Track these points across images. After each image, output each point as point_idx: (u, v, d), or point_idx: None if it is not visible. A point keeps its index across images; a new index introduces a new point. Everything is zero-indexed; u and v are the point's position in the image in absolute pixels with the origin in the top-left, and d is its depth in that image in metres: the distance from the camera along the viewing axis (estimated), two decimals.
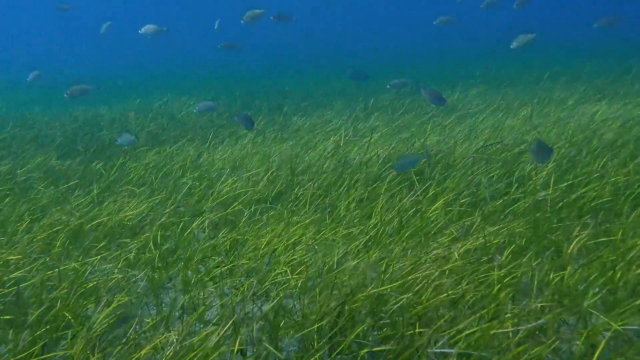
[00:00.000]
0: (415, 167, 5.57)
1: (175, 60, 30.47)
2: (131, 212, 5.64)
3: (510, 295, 3.61)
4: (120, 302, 3.80)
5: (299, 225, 5.01)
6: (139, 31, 9.53)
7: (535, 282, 3.70)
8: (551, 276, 3.72)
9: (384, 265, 4.08)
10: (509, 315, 3.33)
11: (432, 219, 4.98)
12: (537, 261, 4.05)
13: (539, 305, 3.36)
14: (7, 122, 12.37)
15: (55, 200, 6.17)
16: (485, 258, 4.12)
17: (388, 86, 8.29)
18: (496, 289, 3.62)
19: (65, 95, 6.61)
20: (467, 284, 3.73)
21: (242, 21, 7.93)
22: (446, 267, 3.94)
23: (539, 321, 3.14)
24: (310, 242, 4.62)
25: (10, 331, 3.41)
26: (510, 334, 3.15)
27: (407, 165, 5.15)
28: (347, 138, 8.55)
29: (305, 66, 24.02)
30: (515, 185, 5.71)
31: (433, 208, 5.05)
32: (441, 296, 3.62)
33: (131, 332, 3.47)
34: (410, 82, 8.41)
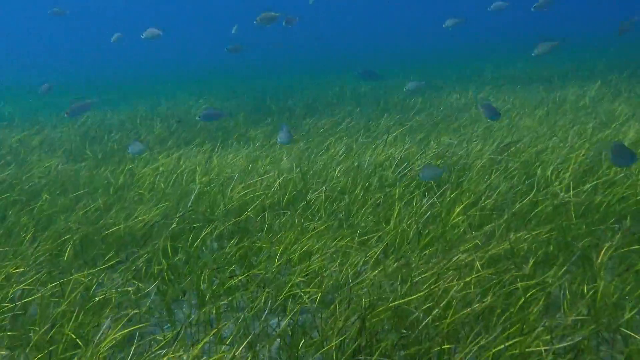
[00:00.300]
0: (439, 177, 5.47)
1: (181, 63, 30.39)
2: (142, 217, 5.48)
3: (541, 308, 3.41)
4: (130, 318, 3.64)
5: (313, 232, 4.83)
6: (141, 36, 9.58)
7: (567, 294, 3.49)
8: (583, 288, 3.51)
9: (405, 275, 3.90)
10: (540, 329, 3.13)
11: (452, 224, 4.78)
12: (564, 269, 3.85)
13: (575, 318, 3.16)
14: (16, 127, 12.29)
15: (63, 208, 6.02)
16: (512, 266, 3.91)
17: (405, 89, 8.18)
18: (524, 301, 3.43)
19: (65, 115, 6.37)
20: (493, 297, 3.53)
21: (255, 22, 7.75)
22: (470, 278, 3.74)
23: (576, 339, 2.94)
24: (325, 251, 4.43)
25: (15, 352, 3.25)
26: (543, 351, 2.96)
27: (433, 176, 5.12)
28: (360, 140, 8.37)
29: (313, 67, 23.84)
30: (536, 189, 5.50)
31: (454, 214, 4.85)
32: (467, 310, 3.43)
33: (142, 352, 3.30)
34: (424, 84, 8.31)
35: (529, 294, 3.54)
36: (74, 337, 3.30)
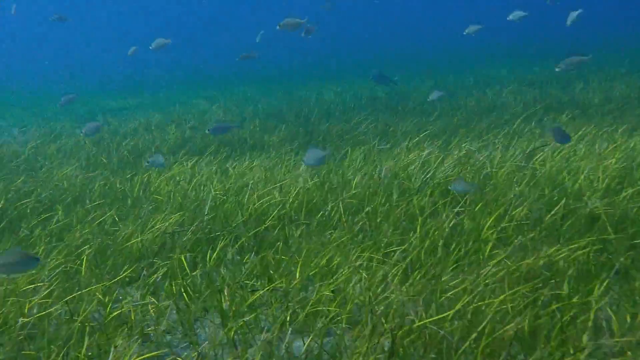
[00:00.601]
0: (472, 193, 5.29)
1: (194, 69, 30.40)
2: (158, 226, 5.33)
3: (584, 330, 3.19)
4: (149, 338, 3.46)
5: (333, 244, 4.64)
6: (150, 47, 9.78)
7: (612, 315, 3.27)
8: (630, 310, 3.28)
9: (434, 293, 3.69)
10: (587, 354, 2.91)
11: (482, 237, 4.56)
12: (605, 285, 3.62)
13: (625, 340, 2.94)
14: (32, 134, 12.28)
15: (78, 219, 5.89)
16: (550, 282, 3.69)
17: (428, 99, 8.07)
18: (563, 322, 3.21)
19: (81, 134, 7.40)
20: (531, 318, 3.31)
21: (277, 27, 7.59)
22: (504, 296, 3.52)
23: None
24: (349, 265, 4.24)
25: None
26: None
27: (464, 190, 4.97)
28: (379, 146, 8.17)
29: (326, 72, 23.68)
30: (565, 199, 5.24)
31: (485, 225, 4.63)
32: (504, 328, 3.22)
33: None
34: (445, 92, 8.27)
35: (568, 315, 3.32)
36: None
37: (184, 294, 4.02)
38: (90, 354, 3.26)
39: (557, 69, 6.73)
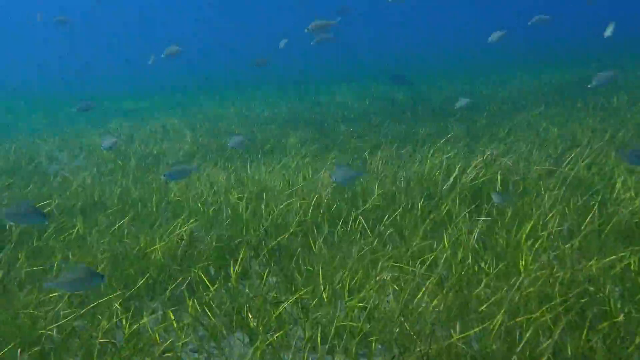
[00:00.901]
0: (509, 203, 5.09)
1: (206, 74, 30.41)
2: (178, 232, 5.18)
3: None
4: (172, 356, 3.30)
5: (358, 254, 4.44)
6: (162, 55, 9.85)
7: None
8: None
9: (466, 306, 3.49)
10: None
11: (514, 246, 4.34)
12: None
13: None
14: (48, 138, 12.27)
15: (96, 228, 5.76)
16: (596, 296, 3.47)
17: (455, 107, 7.94)
18: (612, 343, 2.98)
19: (102, 147, 7.39)
20: (575, 337, 3.10)
21: (305, 30, 7.44)
22: (541, 311, 3.31)
23: None
24: (376, 277, 4.04)
25: None
26: None
27: (500, 201, 4.80)
28: (399, 150, 7.96)
29: (342, 74, 23.51)
30: (598, 205, 4.99)
31: (523, 238, 4.40)
32: (542, 347, 3.01)
33: None
34: (471, 99, 8.14)
35: (616, 334, 3.10)
36: None
37: (207, 311, 3.86)
38: None
39: (589, 86, 6.93)
